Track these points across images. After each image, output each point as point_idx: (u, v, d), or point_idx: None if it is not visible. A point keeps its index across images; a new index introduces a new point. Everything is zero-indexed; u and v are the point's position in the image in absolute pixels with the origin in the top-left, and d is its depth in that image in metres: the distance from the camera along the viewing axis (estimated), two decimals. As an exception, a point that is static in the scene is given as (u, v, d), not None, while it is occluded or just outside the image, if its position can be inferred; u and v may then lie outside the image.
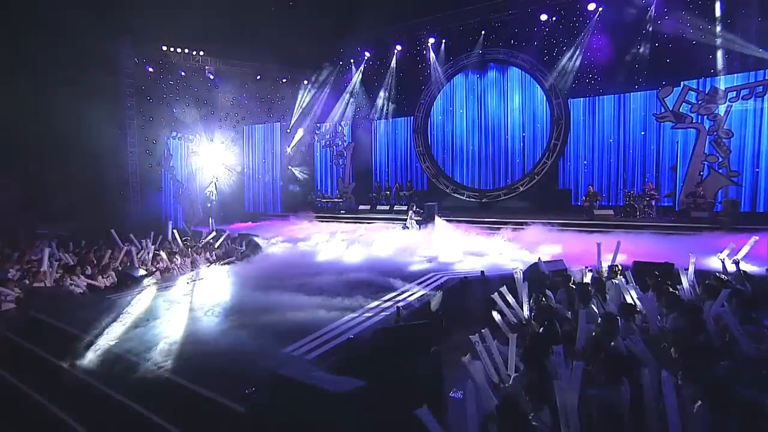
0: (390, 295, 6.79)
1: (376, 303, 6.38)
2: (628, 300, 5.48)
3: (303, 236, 12.71)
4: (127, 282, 8.26)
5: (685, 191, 13.11)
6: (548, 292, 5.74)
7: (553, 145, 15.58)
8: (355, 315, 5.87)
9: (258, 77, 19.38)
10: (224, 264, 10.68)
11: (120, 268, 9.30)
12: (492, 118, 16.71)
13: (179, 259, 10.64)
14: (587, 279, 6.72)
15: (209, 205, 18.97)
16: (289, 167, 20.27)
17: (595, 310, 5.22)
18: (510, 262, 9.17)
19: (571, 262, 7.39)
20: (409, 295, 6.79)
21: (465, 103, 17.27)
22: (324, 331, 5.35)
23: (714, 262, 8.22)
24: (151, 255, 10.11)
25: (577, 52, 14.72)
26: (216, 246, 11.87)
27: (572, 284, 6.08)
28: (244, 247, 11.92)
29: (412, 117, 18.27)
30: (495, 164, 16.74)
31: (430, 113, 18.03)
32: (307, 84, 19.85)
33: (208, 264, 10.94)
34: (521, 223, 12.25)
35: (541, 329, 4.67)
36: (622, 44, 13.88)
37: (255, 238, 11.90)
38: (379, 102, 18.66)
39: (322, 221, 16.20)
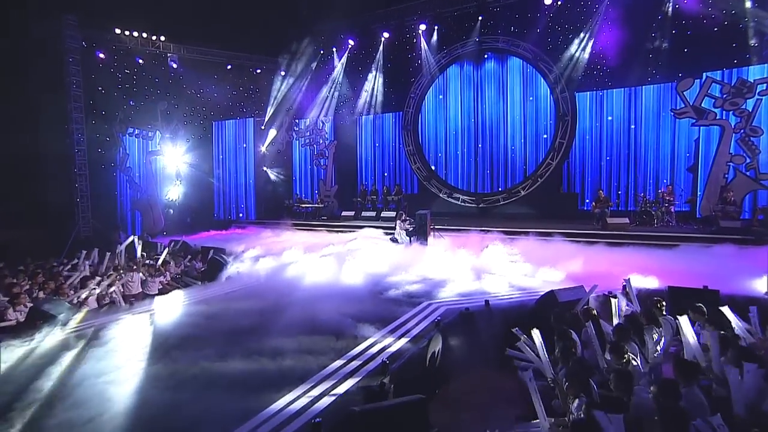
0: (372, 340, 5.50)
1: (353, 354, 5.09)
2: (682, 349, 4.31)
3: (276, 250, 11.18)
4: (37, 322, 6.31)
5: (707, 196, 11.93)
6: (573, 335, 4.60)
7: (558, 144, 14.33)
8: (323, 376, 4.52)
9: (228, 66, 18.22)
10: (181, 288, 9.09)
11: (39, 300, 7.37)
12: (490, 114, 15.76)
13: (124, 278, 8.78)
14: (612, 308, 5.59)
15: (171, 211, 17.16)
16: (264, 168, 19.02)
17: (635, 360, 4.16)
18: (520, 281, 8.26)
19: (589, 284, 6.35)
20: (398, 339, 5.56)
21: (460, 97, 16.30)
22: (280, 405, 3.96)
23: (761, 286, 6.94)
24: (79, 279, 8.14)
25: (586, 41, 13.82)
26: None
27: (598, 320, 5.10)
28: (205, 266, 10.12)
29: (401, 112, 17.26)
30: (493, 165, 15.80)
31: (421, 108, 16.99)
32: (284, 75, 18.72)
33: (160, 287, 9.21)
34: (524, 232, 11.28)
35: (577, 402, 3.50)
36: (636, 31, 13.04)
37: (218, 255, 10.09)
38: (365, 95, 17.66)
39: (301, 229, 15.05)
